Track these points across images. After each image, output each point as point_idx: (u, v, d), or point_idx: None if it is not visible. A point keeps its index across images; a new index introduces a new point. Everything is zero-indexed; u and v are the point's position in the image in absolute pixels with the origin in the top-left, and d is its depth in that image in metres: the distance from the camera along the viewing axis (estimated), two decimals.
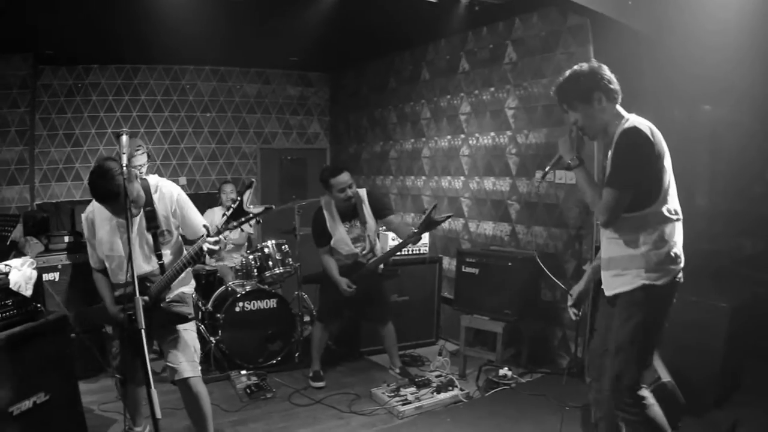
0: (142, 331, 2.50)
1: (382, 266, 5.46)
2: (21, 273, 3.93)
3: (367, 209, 5.47)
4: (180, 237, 3.84)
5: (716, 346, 4.38)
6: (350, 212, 5.42)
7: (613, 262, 3.17)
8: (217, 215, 6.76)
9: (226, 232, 3.19)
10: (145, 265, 3.68)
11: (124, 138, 2.92)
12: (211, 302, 5.90)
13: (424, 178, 7.85)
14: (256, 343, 5.76)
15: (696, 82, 5.17)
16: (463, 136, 7.22)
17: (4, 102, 7.33)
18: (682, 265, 3.12)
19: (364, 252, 5.40)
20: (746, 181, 5.18)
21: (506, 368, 5.37)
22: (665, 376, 4.01)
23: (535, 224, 6.19)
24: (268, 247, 6.23)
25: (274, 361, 5.83)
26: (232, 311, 5.66)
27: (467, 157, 7.15)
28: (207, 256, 3.40)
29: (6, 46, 7.02)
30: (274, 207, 3.23)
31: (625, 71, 5.45)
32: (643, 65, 5.38)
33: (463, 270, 5.97)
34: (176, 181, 4.73)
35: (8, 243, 5.89)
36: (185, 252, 3.49)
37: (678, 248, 3.11)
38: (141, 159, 5.23)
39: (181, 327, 3.75)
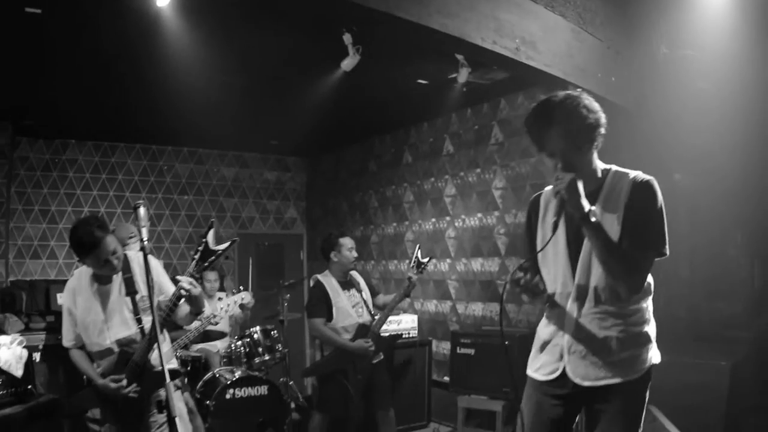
0: (176, 419, 2.32)
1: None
2: (11, 351, 3.68)
3: (360, 278, 5.47)
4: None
5: (719, 403, 4.42)
6: (346, 283, 5.34)
7: (611, 342, 2.44)
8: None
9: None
10: (124, 330, 3.55)
11: (142, 210, 2.85)
12: (198, 389, 5.58)
13: (407, 261, 7.75)
14: (248, 430, 5.43)
15: (674, 152, 5.35)
16: (448, 218, 7.22)
17: None
18: None
19: (362, 319, 5.22)
20: (721, 246, 5.33)
21: None
22: None
23: (526, 303, 6.12)
24: (256, 333, 6.01)
25: None
26: (223, 398, 5.35)
27: (453, 239, 7.13)
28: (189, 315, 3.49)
29: None
30: (237, 239, 3.38)
31: (607, 144, 5.67)
32: (626, 139, 5.57)
33: (459, 351, 5.99)
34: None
35: None
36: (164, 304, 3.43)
37: None
38: (135, 247, 5.05)
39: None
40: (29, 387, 3.68)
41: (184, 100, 5.91)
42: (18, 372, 3.64)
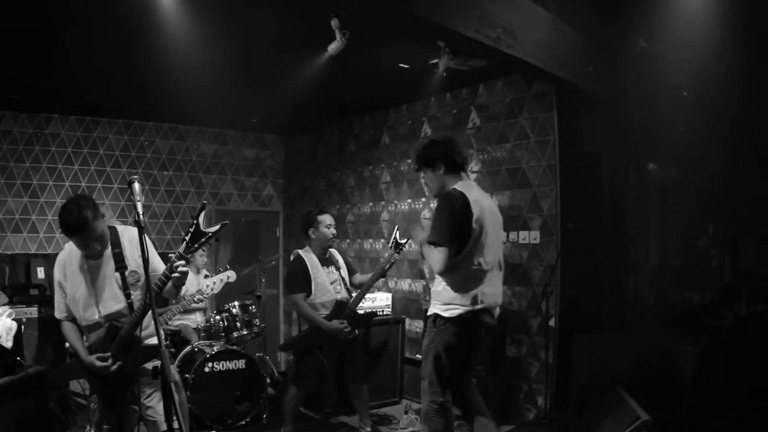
0: (172, 384, 2.43)
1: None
2: (1, 323, 3.76)
3: (338, 256, 5.64)
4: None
5: (684, 387, 4.53)
6: (326, 260, 5.46)
7: (433, 294, 3.98)
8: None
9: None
10: (114, 304, 3.62)
11: (137, 186, 2.92)
12: (177, 362, 5.70)
13: (383, 240, 7.93)
14: (225, 403, 5.61)
15: (648, 143, 5.52)
16: (424, 199, 7.37)
17: None
18: (480, 306, 3.78)
19: (340, 296, 5.35)
20: (693, 237, 5.46)
21: None
22: (644, 415, 4.12)
23: None
24: (234, 307, 6.14)
25: (243, 422, 5.67)
26: (202, 371, 5.51)
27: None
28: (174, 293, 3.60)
29: None
30: (228, 222, 3.33)
31: (585, 134, 5.80)
32: (602, 129, 5.68)
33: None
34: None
35: None
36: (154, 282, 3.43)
37: (479, 291, 3.78)
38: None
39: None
40: (18, 359, 3.76)
41: (168, 76, 5.93)
42: (8, 344, 3.71)
